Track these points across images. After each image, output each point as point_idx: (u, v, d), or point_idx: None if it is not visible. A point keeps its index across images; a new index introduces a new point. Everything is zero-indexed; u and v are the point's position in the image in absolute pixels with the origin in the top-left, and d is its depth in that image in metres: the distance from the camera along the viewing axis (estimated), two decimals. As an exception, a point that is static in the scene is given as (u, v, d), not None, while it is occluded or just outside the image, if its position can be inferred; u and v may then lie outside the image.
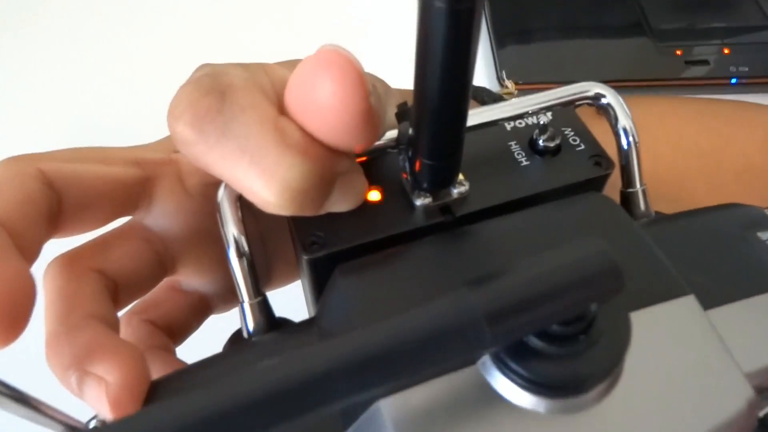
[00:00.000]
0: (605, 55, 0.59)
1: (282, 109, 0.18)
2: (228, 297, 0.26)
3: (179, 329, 0.25)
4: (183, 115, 0.17)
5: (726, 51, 0.59)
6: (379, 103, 0.18)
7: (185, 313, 0.25)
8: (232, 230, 0.19)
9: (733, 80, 0.57)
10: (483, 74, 0.55)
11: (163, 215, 0.23)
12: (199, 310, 0.26)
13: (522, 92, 0.53)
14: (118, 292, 0.22)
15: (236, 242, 0.19)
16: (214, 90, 0.17)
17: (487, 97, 0.34)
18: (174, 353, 0.24)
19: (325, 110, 0.16)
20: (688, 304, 0.16)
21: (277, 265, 0.28)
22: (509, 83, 0.41)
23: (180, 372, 0.18)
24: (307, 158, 0.17)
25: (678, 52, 0.59)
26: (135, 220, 0.23)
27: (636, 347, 0.14)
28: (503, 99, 0.35)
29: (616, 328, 0.14)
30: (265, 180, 0.17)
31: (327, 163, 0.18)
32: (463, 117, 0.17)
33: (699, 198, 0.38)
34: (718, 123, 0.40)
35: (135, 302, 0.24)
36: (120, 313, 0.23)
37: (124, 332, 0.24)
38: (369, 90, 0.16)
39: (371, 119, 0.17)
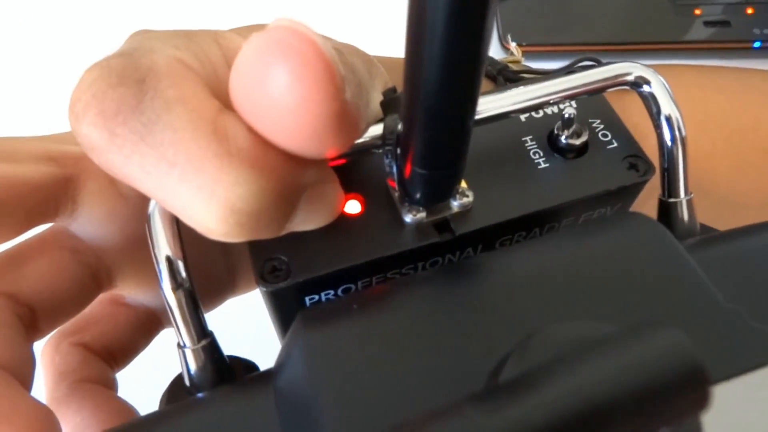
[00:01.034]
0: (617, 13, 0.54)
1: (228, 100, 0.13)
2: None
3: (122, 350, 0.21)
4: (86, 112, 0.12)
5: (749, 11, 0.53)
6: (358, 95, 0.13)
7: (129, 331, 0.21)
8: (165, 252, 0.15)
9: (757, 44, 0.52)
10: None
11: (91, 221, 0.19)
12: (145, 326, 0.21)
13: (527, 55, 0.47)
14: (36, 318, 0.18)
15: (171, 270, 0.15)
16: (129, 77, 0.12)
17: (490, 67, 0.29)
18: (113, 387, 0.20)
19: (280, 111, 0.12)
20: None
21: (244, 265, 0.24)
22: (515, 48, 0.36)
23: None
24: (258, 171, 0.12)
25: (696, 12, 0.54)
26: (57, 228, 0.19)
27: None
28: (510, 70, 0.30)
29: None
30: (202, 201, 0.12)
31: (287, 175, 0.13)
32: (470, 116, 0.13)
33: (721, 180, 0.34)
34: (748, 98, 0.36)
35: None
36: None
37: (51, 361, 0.20)
38: (341, 83, 0.12)
39: (345, 121, 0.12)
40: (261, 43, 0.12)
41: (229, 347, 0.21)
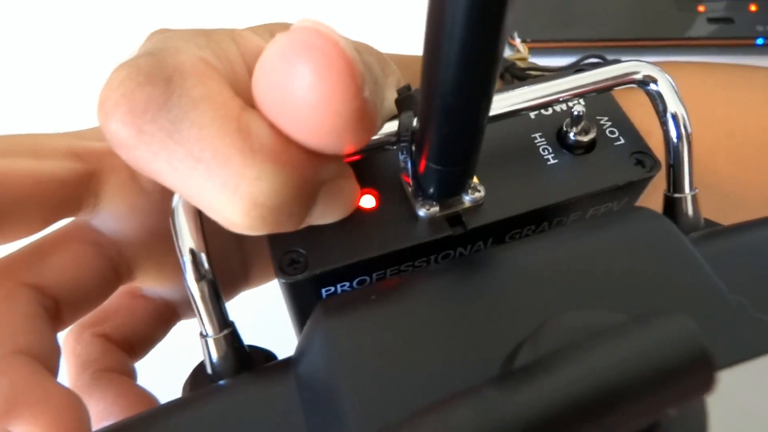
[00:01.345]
0: (620, 10, 0.54)
1: (251, 98, 0.14)
2: None
3: (140, 341, 0.22)
4: (115, 110, 0.13)
5: (753, 8, 0.54)
6: (375, 94, 0.14)
7: (147, 322, 0.22)
8: (188, 245, 0.15)
9: (760, 40, 0.52)
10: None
11: (113, 216, 0.19)
12: (163, 318, 0.22)
13: (531, 51, 0.48)
14: (60, 310, 0.18)
15: (194, 262, 0.15)
16: (157, 76, 0.13)
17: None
18: (133, 376, 0.21)
19: (303, 109, 0.12)
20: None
21: (257, 259, 0.24)
22: (521, 45, 0.36)
23: (133, 423, 0.15)
24: (280, 166, 0.13)
25: (700, 8, 0.54)
26: (80, 222, 0.19)
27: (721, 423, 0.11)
28: (517, 67, 0.31)
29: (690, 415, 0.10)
30: (227, 196, 0.13)
31: (307, 170, 0.14)
32: (485, 113, 0.13)
33: (724, 176, 0.34)
34: (750, 95, 0.36)
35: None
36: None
37: (72, 351, 0.20)
38: (362, 82, 0.12)
39: (364, 118, 0.13)
40: (286, 43, 0.12)
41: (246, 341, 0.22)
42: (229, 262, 0.23)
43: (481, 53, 0.11)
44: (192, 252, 0.15)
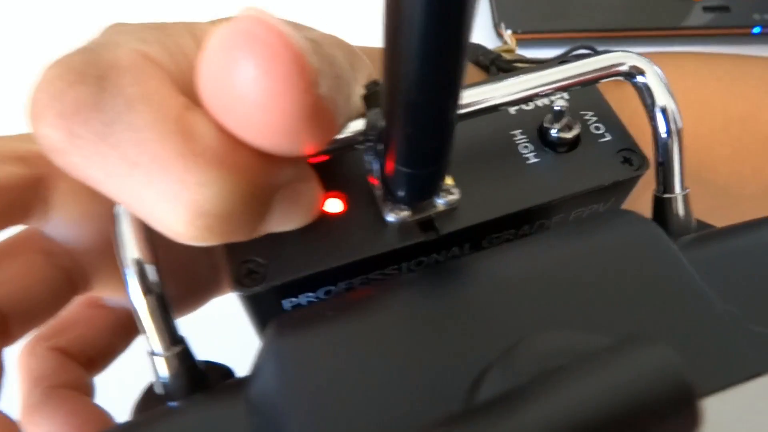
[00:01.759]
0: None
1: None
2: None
3: (100, 354, 0.20)
4: (45, 112, 0.12)
5: (750, -5, 0.52)
6: (336, 89, 0.13)
7: (107, 334, 0.20)
8: (132, 256, 0.14)
9: (756, 29, 0.51)
10: (476, 23, 0.49)
11: (65, 222, 0.18)
12: (124, 328, 0.21)
13: (522, 43, 0.47)
14: (7, 324, 0.17)
15: (141, 274, 0.14)
16: (89, 74, 0.12)
17: (483, 57, 0.29)
18: (90, 392, 0.19)
19: (248, 107, 0.11)
20: None
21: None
22: (509, 36, 0.35)
23: None
24: (226, 171, 0.12)
25: (695, -4, 0.53)
26: (30, 230, 0.18)
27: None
28: (503, 59, 0.29)
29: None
30: (168, 204, 0.12)
31: (258, 175, 0.12)
32: (454, 109, 0.12)
33: (720, 169, 0.33)
34: (747, 86, 0.35)
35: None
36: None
37: (26, 366, 0.19)
38: (313, 76, 0.11)
39: (320, 117, 0.12)
40: (226, 35, 0.11)
41: (216, 350, 0.21)
42: (196, 267, 0.22)
43: (444, 40, 0.10)
44: (137, 263, 0.14)
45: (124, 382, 0.23)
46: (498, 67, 0.29)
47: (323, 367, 0.12)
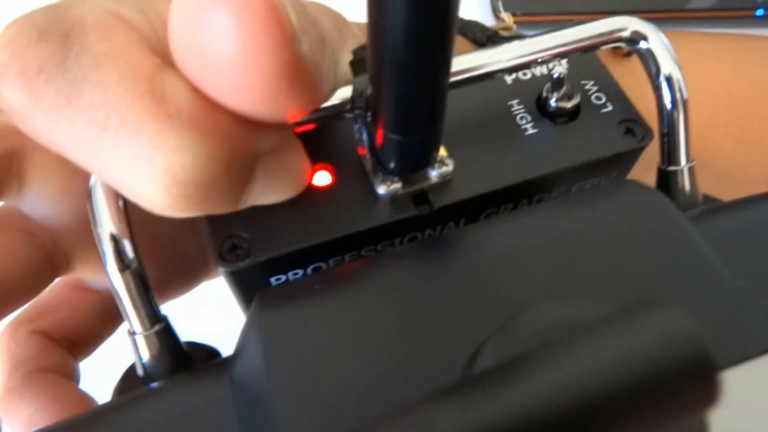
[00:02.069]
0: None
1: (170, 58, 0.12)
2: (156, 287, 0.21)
3: (84, 338, 0.20)
4: (5, 72, 0.11)
5: (752, -24, 0.51)
6: (319, 52, 0.12)
7: (91, 317, 0.20)
8: (108, 230, 0.13)
9: (760, 11, 0.50)
10: (473, 5, 0.48)
11: (43, 199, 0.17)
12: (110, 312, 0.20)
13: (521, 26, 0.46)
14: None
15: (116, 250, 0.13)
16: (52, 31, 0.11)
17: (480, 34, 0.28)
18: (74, 376, 0.19)
19: (222, 64, 0.10)
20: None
21: None
22: (507, 16, 0.34)
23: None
24: (203, 135, 0.11)
25: (697, -23, 0.52)
26: (6, 207, 0.17)
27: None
28: (500, 36, 0.28)
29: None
30: (141, 170, 0.11)
31: (238, 140, 0.12)
32: (445, 68, 0.11)
33: (723, 151, 0.33)
34: (751, 65, 0.34)
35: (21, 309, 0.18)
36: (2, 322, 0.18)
37: (6, 349, 0.18)
38: (292, 31, 0.10)
39: (301, 77, 0.11)
40: None
41: (206, 332, 0.20)
42: (183, 248, 0.21)
43: None
44: (113, 238, 0.13)
45: (112, 368, 0.23)
46: (495, 44, 0.28)
47: (309, 345, 0.11)
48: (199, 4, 0.10)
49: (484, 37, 0.28)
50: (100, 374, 0.21)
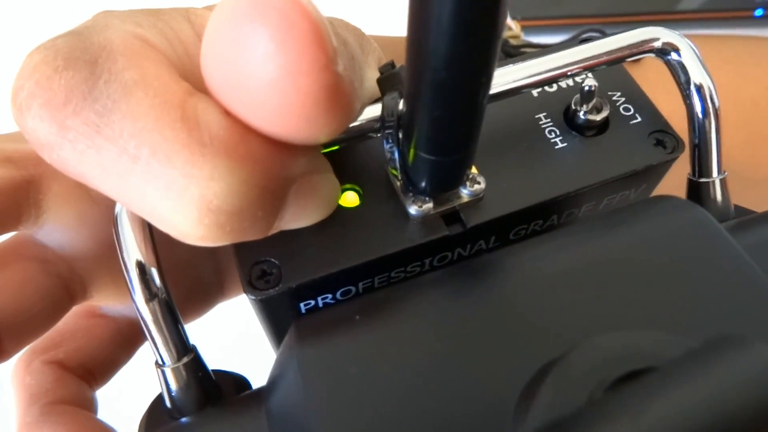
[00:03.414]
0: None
1: (202, 83, 0.11)
2: None
3: (101, 366, 0.19)
4: (30, 103, 0.10)
5: (751, -24, 0.51)
6: (352, 69, 0.12)
7: (107, 345, 0.19)
8: (135, 258, 0.13)
9: (759, 12, 0.50)
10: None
11: (59, 228, 0.17)
12: (126, 339, 0.20)
13: (523, 30, 0.45)
14: (1, 338, 0.16)
15: (143, 278, 0.13)
16: (78, 58, 0.10)
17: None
18: (92, 407, 0.18)
19: (261, 87, 0.10)
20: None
21: (232, 266, 0.22)
22: (513, 23, 0.34)
23: None
24: (237, 162, 0.11)
25: (696, -21, 0.52)
26: (22, 236, 0.17)
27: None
28: (509, 44, 0.28)
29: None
30: (173, 201, 0.11)
31: (272, 165, 0.11)
32: (486, 89, 0.11)
33: (732, 154, 0.32)
34: (758, 67, 0.34)
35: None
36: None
37: (21, 381, 0.18)
38: (334, 51, 0.10)
39: (339, 98, 0.11)
40: (234, 4, 0.10)
41: (225, 357, 0.20)
42: (199, 271, 0.21)
43: (481, 9, 0.09)
44: (140, 266, 0.13)
45: (130, 394, 0.22)
46: (505, 52, 0.28)
47: (352, 378, 0.10)
48: (237, 24, 0.10)
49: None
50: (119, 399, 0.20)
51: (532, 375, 0.10)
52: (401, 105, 0.13)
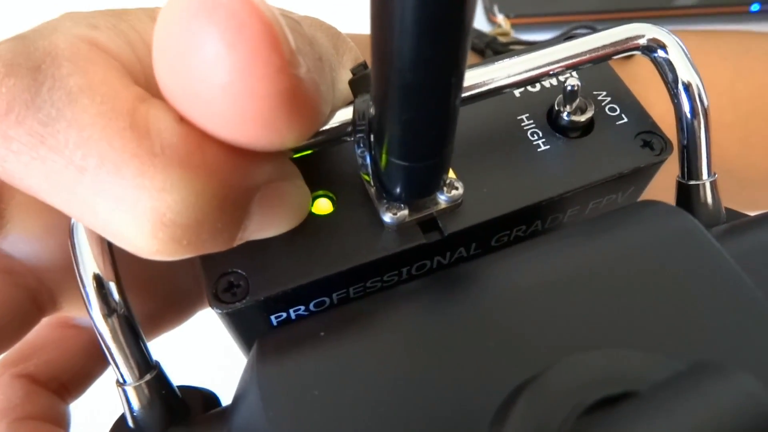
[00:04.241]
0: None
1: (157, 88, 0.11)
2: (143, 326, 0.19)
3: (74, 379, 0.18)
4: None
5: (746, -29, 0.51)
6: (319, 71, 0.11)
7: (80, 356, 0.19)
8: (91, 272, 0.12)
9: (755, 7, 0.49)
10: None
11: (25, 238, 0.16)
12: (99, 350, 0.19)
13: (515, 28, 0.45)
14: None
15: (101, 293, 0.12)
16: (20, 65, 0.10)
17: (477, 40, 0.27)
18: (64, 422, 0.18)
19: (212, 90, 0.09)
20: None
21: None
22: (503, 20, 0.33)
23: None
24: (192, 172, 0.10)
25: (690, -25, 0.51)
26: (-16, 247, 0.16)
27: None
28: (499, 43, 0.28)
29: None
30: (124, 214, 0.10)
31: (231, 174, 0.11)
32: (457, 91, 0.10)
33: (728, 153, 0.32)
34: (754, 63, 0.33)
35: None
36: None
37: (-11, 397, 0.17)
38: (290, 53, 0.09)
39: (301, 102, 0.10)
40: (181, 4, 0.09)
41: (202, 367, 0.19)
42: (176, 278, 0.20)
43: (445, 5, 0.08)
44: (98, 279, 0.12)
45: (102, 408, 0.22)
46: (494, 50, 0.27)
47: (312, 399, 0.10)
48: (186, 25, 0.09)
49: (482, 44, 0.27)
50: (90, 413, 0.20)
51: (506, 396, 0.09)
52: (372, 109, 0.12)
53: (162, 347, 0.20)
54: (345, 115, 0.13)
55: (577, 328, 0.10)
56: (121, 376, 0.13)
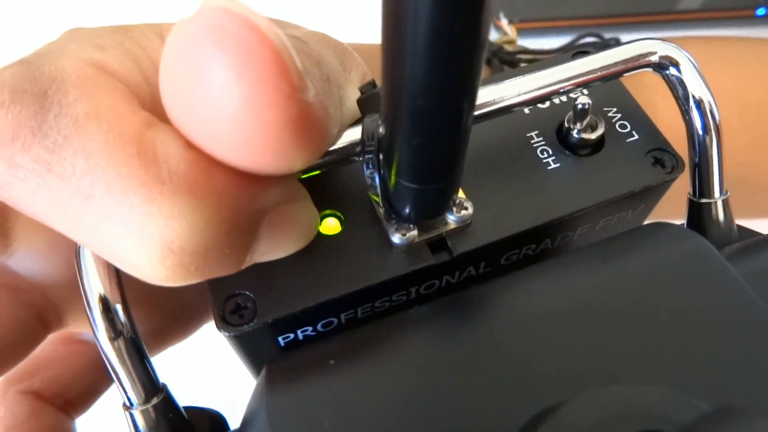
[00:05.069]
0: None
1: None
2: (150, 340, 0.19)
3: (79, 395, 0.18)
4: None
5: (752, -25, 0.51)
6: (327, 93, 0.11)
7: (85, 372, 0.18)
8: (97, 294, 0.12)
9: (761, 11, 0.49)
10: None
11: (30, 255, 0.16)
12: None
13: (519, 32, 0.45)
14: None
15: (107, 315, 0.12)
16: (26, 91, 0.10)
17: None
18: (69, 438, 0.17)
19: (221, 119, 0.09)
20: None
21: None
22: (508, 27, 0.33)
23: None
24: (199, 198, 0.10)
25: (695, -21, 0.51)
26: (-10, 264, 0.16)
27: None
28: (504, 51, 0.27)
29: None
30: (131, 242, 0.10)
31: (239, 199, 0.11)
32: (468, 116, 0.10)
33: (735, 160, 0.32)
34: (760, 69, 0.33)
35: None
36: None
37: (-6, 413, 0.17)
38: (298, 79, 0.09)
39: (310, 126, 0.10)
40: (188, 31, 0.09)
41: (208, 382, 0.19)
42: (182, 290, 0.20)
43: (459, 31, 0.08)
44: (104, 302, 0.12)
45: (109, 423, 0.22)
46: (500, 59, 0.27)
47: (323, 428, 0.10)
48: (194, 53, 0.09)
49: (489, 53, 0.27)
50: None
51: (521, 427, 0.09)
52: (381, 129, 0.12)
53: (168, 362, 0.20)
54: (354, 134, 0.13)
55: (592, 357, 0.10)
56: (128, 399, 0.12)
